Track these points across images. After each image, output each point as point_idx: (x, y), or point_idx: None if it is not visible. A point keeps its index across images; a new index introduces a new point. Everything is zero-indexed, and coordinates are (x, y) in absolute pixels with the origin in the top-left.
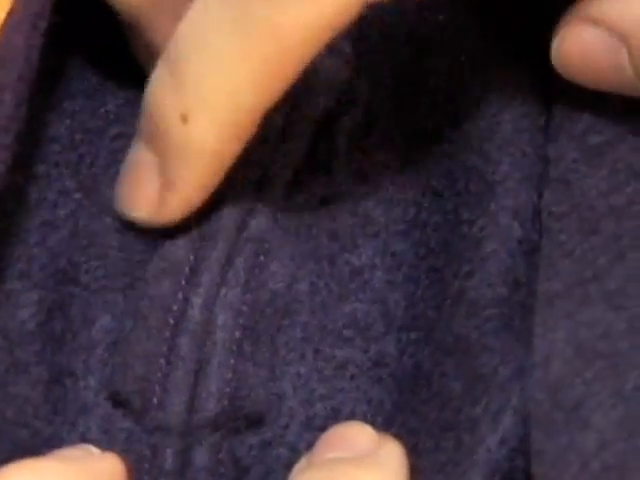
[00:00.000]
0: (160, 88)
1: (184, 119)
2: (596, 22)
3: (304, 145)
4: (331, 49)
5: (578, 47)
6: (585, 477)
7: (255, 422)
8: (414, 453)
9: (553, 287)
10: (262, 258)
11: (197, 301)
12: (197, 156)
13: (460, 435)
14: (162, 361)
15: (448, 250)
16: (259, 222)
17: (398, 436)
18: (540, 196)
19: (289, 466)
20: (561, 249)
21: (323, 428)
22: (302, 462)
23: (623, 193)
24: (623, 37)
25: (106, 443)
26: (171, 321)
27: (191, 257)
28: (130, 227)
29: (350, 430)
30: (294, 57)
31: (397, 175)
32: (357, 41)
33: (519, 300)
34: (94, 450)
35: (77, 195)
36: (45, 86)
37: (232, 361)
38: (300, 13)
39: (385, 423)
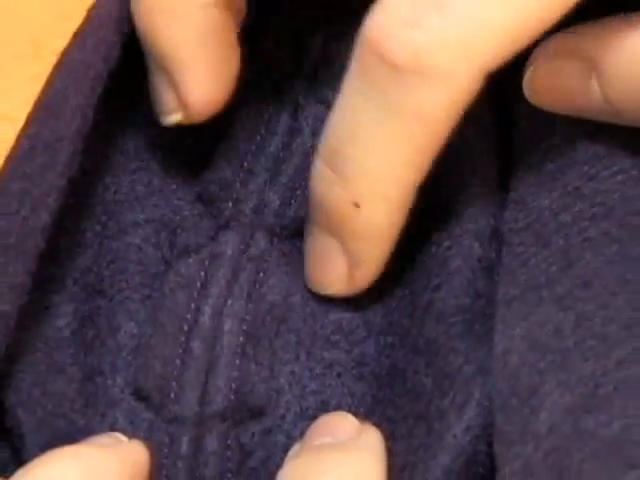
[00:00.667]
0: (325, 183)
1: (356, 206)
2: (567, 53)
3: (294, 179)
4: None
5: (551, 76)
6: (537, 455)
7: (257, 413)
8: (391, 439)
9: (511, 292)
10: (262, 275)
11: (207, 310)
12: (377, 236)
13: (431, 424)
14: (178, 362)
15: (419, 266)
16: (258, 245)
17: (377, 424)
18: (496, 220)
19: (286, 450)
20: (518, 259)
21: (314, 418)
22: (296, 447)
23: (570, 212)
24: (593, 66)
25: (131, 432)
26: (185, 328)
27: (202, 273)
28: (146, 245)
29: (336, 419)
30: (438, 133)
31: None
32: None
33: (479, 308)
34: (122, 437)
35: (103, 218)
36: None
37: (237, 361)
38: (437, 96)
39: (366, 413)
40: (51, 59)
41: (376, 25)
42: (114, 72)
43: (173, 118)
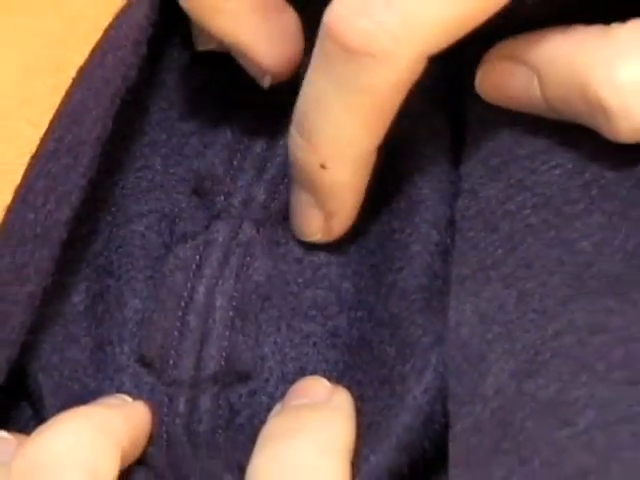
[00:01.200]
0: (297, 148)
1: (322, 167)
2: (512, 57)
3: (276, 176)
4: None
5: (499, 76)
6: (485, 414)
7: (244, 377)
8: (360, 400)
9: (463, 272)
10: (248, 259)
11: (201, 289)
12: (343, 192)
13: (393, 387)
14: (176, 333)
15: (384, 252)
16: (246, 233)
17: (348, 388)
18: (452, 209)
19: (268, 409)
20: (469, 243)
21: (293, 381)
22: (277, 406)
23: (514, 202)
24: (535, 69)
25: (135, 394)
26: (182, 304)
27: (197, 257)
28: (149, 232)
29: (311, 382)
30: (386, 105)
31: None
32: None
33: (436, 287)
34: (127, 399)
35: (113, 209)
36: None
37: (227, 333)
38: (383, 75)
39: (338, 378)
40: (70, 73)
41: (334, 14)
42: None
43: (265, 81)
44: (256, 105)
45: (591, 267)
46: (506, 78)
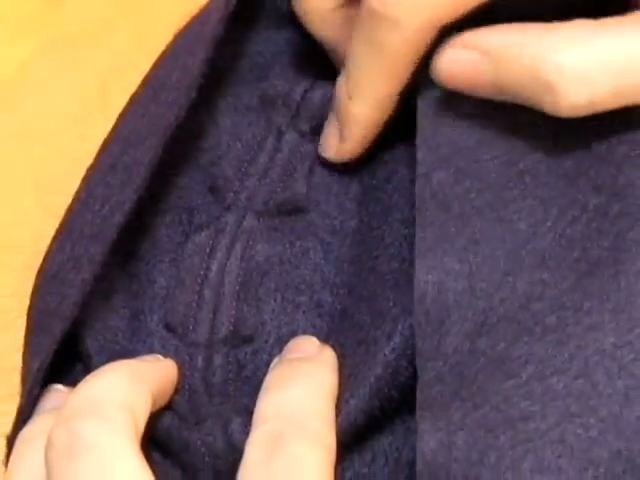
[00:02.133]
0: (339, 82)
1: (350, 98)
2: (469, 45)
3: (275, 180)
4: None
5: (456, 62)
6: (445, 368)
7: (248, 339)
8: (341, 357)
9: (423, 246)
10: (251, 243)
11: (214, 269)
12: (358, 120)
13: (368, 347)
14: (194, 305)
15: (364, 242)
16: (249, 223)
17: (332, 347)
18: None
19: (268, 364)
20: (426, 221)
21: (287, 342)
22: (275, 360)
23: (462, 186)
24: (489, 55)
25: (163, 353)
26: (199, 281)
27: (210, 242)
28: (172, 224)
29: (303, 341)
30: (398, 61)
31: (340, 199)
32: None
33: (404, 270)
34: (159, 357)
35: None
36: None
37: (234, 304)
38: (397, 35)
39: (323, 340)
40: (111, 98)
41: None
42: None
43: None
44: (262, 124)
45: (527, 244)
46: (461, 64)
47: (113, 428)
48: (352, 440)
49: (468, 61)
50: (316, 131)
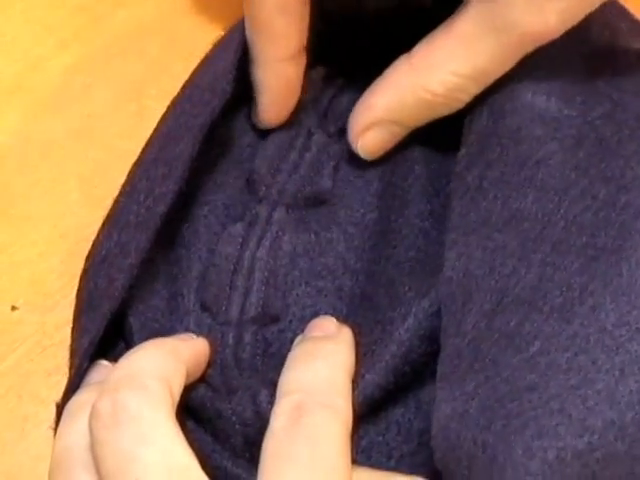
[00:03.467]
0: None
1: (252, 64)
2: (374, 123)
3: (303, 176)
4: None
5: (374, 139)
6: (464, 342)
7: (274, 319)
8: (359, 335)
9: (452, 237)
10: (280, 233)
11: (246, 256)
12: (257, 85)
13: (384, 326)
14: (227, 289)
15: (383, 233)
16: (279, 214)
17: (351, 326)
18: (431, 204)
19: (292, 342)
20: (458, 215)
21: (309, 321)
22: (299, 338)
23: (495, 185)
24: (394, 122)
25: (198, 332)
26: (232, 267)
27: (242, 232)
28: (211, 215)
29: (323, 320)
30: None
31: (362, 193)
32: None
33: (420, 259)
34: (193, 335)
35: (185, 200)
36: None
37: (263, 288)
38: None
39: (343, 320)
40: (145, 102)
41: None
42: None
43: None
44: (294, 126)
45: (541, 232)
46: (380, 138)
47: (153, 399)
48: (368, 411)
49: (383, 134)
50: (342, 132)
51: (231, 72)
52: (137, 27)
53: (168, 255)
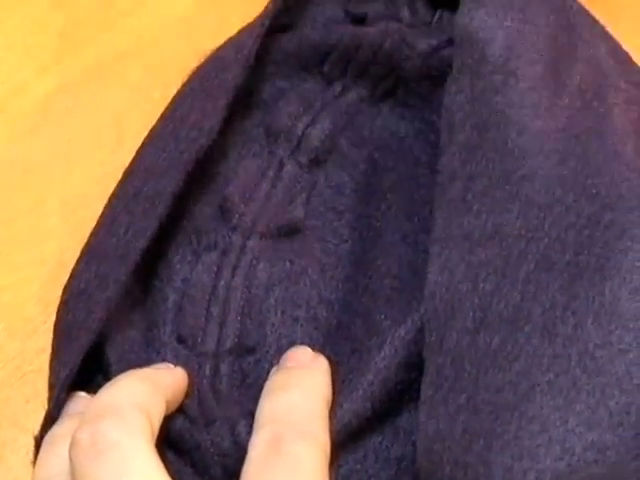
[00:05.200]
0: None
1: None
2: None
3: (276, 204)
4: None
5: None
6: (447, 361)
7: (251, 350)
8: (336, 365)
9: (435, 250)
10: (254, 262)
11: (221, 286)
12: None
13: (361, 355)
14: (203, 319)
15: (357, 263)
16: (253, 243)
17: (327, 356)
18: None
19: (269, 371)
20: (445, 239)
21: (285, 351)
22: (274, 369)
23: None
24: None
25: (175, 363)
26: (207, 297)
27: (217, 261)
28: (183, 244)
29: (298, 350)
30: None
31: (334, 225)
32: None
33: (396, 287)
34: (171, 365)
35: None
36: None
37: (239, 317)
38: None
39: (320, 350)
40: (126, 128)
41: None
42: None
43: None
44: (265, 155)
45: (525, 249)
46: None
47: (132, 429)
48: (346, 439)
49: None
50: (314, 164)
51: (222, 113)
52: (118, 53)
53: (144, 286)
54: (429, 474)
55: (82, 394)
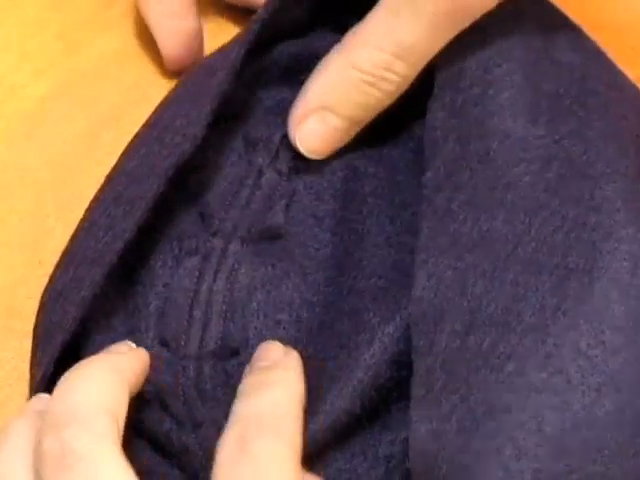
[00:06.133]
0: None
1: None
2: (311, 111)
3: (256, 211)
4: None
5: (311, 131)
6: (437, 363)
7: (234, 352)
8: (322, 362)
9: (421, 257)
10: (236, 266)
11: (203, 290)
12: None
13: (350, 352)
14: (185, 323)
15: (340, 266)
16: (234, 248)
17: (310, 353)
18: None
19: None
20: (432, 247)
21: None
22: (247, 369)
23: (455, 216)
24: (326, 108)
25: (158, 366)
26: (189, 301)
27: (198, 266)
28: (165, 251)
29: (270, 347)
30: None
31: (314, 230)
32: None
33: (381, 286)
34: (131, 344)
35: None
36: None
37: (221, 321)
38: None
39: (303, 349)
40: (123, 129)
41: None
42: None
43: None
44: (244, 164)
45: (512, 252)
46: (316, 127)
47: (99, 436)
48: (333, 438)
49: (323, 125)
50: (294, 171)
51: (206, 120)
52: (114, 55)
53: (125, 291)
54: (423, 474)
55: (46, 396)
